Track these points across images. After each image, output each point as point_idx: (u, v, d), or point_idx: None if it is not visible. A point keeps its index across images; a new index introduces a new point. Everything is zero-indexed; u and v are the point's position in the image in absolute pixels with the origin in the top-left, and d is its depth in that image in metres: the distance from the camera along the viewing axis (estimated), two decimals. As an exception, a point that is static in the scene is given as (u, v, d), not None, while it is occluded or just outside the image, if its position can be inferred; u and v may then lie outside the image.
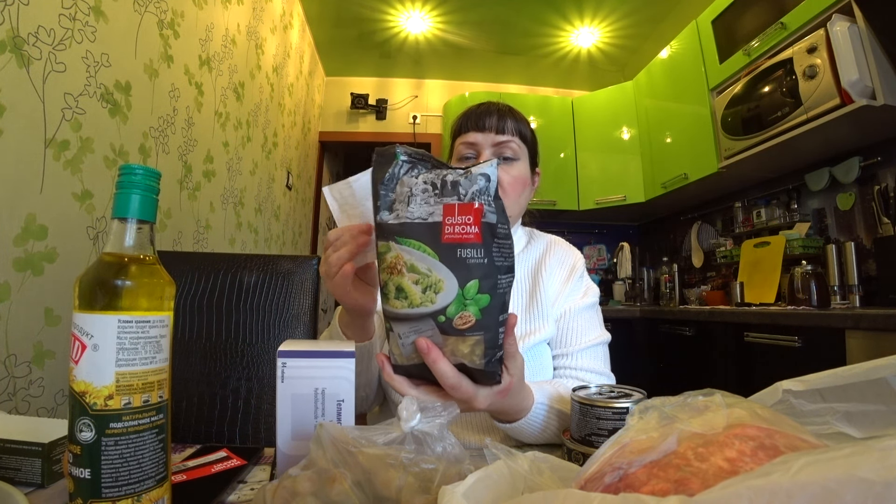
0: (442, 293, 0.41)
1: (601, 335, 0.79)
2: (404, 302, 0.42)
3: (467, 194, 0.41)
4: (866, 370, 0.29)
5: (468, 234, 0.41)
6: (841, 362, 1.37)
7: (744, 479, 0.17)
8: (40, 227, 1.03)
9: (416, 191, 0.42)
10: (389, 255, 0.43)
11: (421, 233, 0.41)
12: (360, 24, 3.23)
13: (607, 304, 3.24)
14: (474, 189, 0.41)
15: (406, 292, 0.42)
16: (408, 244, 0.42)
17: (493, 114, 0.79)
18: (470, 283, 0.41)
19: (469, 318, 0.41)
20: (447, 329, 0.42)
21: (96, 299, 0.34)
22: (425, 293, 0.41)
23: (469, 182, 0.41)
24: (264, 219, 2.59)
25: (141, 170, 0.36)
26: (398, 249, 0.42)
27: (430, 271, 0.41)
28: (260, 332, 0.97)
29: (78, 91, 1.13)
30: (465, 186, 0.41)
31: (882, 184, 1.78)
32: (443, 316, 0.42)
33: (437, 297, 0.41)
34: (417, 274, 0.41)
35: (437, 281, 0.41)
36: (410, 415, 0.37)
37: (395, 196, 0.43)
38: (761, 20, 1.97)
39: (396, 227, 0.42)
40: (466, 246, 0.41)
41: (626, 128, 3.14)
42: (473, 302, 0.41)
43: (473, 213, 0.41)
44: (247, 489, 0.46)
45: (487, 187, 0.42)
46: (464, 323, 0.41)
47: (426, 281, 0.41)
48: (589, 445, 0.49)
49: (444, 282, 0.41)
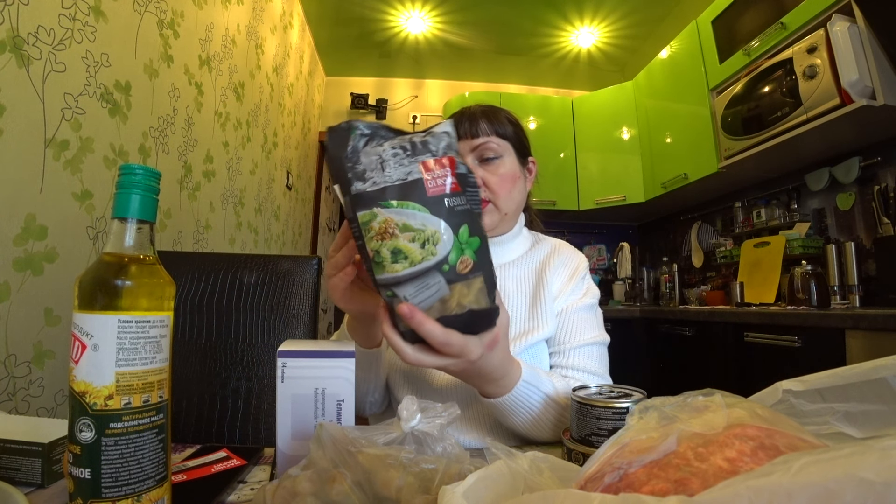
0: (440, 244, 0.42)
1: (598, 336, 0.78)
2: (405, 262, 0.42)
3: (438, 150, 0.44)
4: (866, 370, 0.29)
5: (448, 183, 0.43)
6: (841, 362, 1.37)
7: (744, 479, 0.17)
8: (40, 227, 1.03)
9: (387, 156, 0.43)
10: (376, 221, 0.42)
11: (405, 193, 0.42)
12: (360, 24, 3.23)
13: (607, 304, 3.24)
14: (443, 145, 0.44)
15: (405, 252, 0.42)
16: (396, 205, 0.42)
17: (464, 121, 0.79)
18: (461, 229, 0.43)
19: (468, 262, 0.43)
20: (452, 277, 0.43)
21: (96, 299, 0.34)
22: (424, 247, 0.42)
23: (436, 140, 0.44)
24: (264, 219, 2.59)
25: (141, 170, 0.36)
26: (385, 213, 0.42)
27: (425, 225, 0.42)
28: (260, 332, 0.97)
29: (78, 91, 1.13)
30: (433, 144, 0.44)
31: (882, 184, 1.78)
32: (446, 265, 0.43)
33: (436, 249, 0.42)
34: (412, 231, 0.42)
35: (433, 233, 0.42)
36: (410, 415, 0.37)
37: (364, 166, 0.43)
38: (761, 20, 1.97)
39: (377, 192, 0.42)
40: (451, 195, 0.43)
41: (626, 128, 3.14)
42: (468, 245, 0.43)
43: (449, 164, 0.43)
44: (247, 489, 0.46)
45: (451, 143, 0.45)
46: (465, 267, 0.43)
47: (422, 235, 0.42)
48: (589, 445, 0.49)
49: (440, 232, 0.42)
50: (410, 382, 0.76)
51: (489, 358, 0.51)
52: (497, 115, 0.81)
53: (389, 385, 0.80)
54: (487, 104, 0.84)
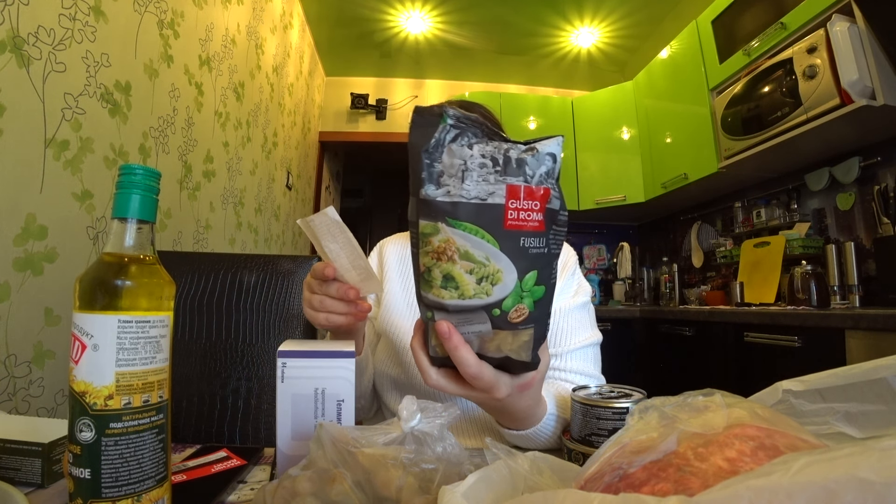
0: (499, 285, 0.37)
1: (592, 336, 0.77)
2: (454, 292, 0.38)
3: (534, 176, 0.37)
4: (866, 370, 0.29)
5: (532, 221, 0.37)
6: (841, 362, 1.37)
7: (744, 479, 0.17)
8: (40, 227, 1.03)
9: (472, 164, 0.36)
10: (437, 238, 0.37)
11: (478, 216, 0.36)
12: (360, 24, 3.23)
13: (607, 304, 3.24)
14: (542, 171, 0.37)
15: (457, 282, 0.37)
16: (463, 228, 0.36)
17: None
18: (529, 275, 0.38)
19: (524, 311, 0.38)
20: (500, 323, 0.39)
21: (96, 299, 0.34)
22: (480, 284, 0.37)
23: (536, 162, 0.37)
24: (264, 219, 2.59)
25: (141, 170, 0.36)
26: (450, 233, 0.37)
27: (489, 260, 0.37)
28: (260, 332, 0.97)
29: (78, 91, 1.13)
30: (531, 166, 0.37)
31: (882, 184, 1.78)
32: (498, 309, 0.38)
33: (493, 290, 0.37)
34: (472, 262, 0.37)
35: (495, 272, 0.37)
36: (410, 415, 0.37)
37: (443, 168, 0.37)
38: (761, 20, 1.97)
39: (448, 206, 0.36)
40: (530, 234, 0.37)
41: (626, 128, 3.14)
42: (530, 294, 0.38)
43: (540, 197, 0.37)
44: (247, 489, 0.46)
45: (553, 169, 0.37)
46: (518, 316, 0.38)
47: (482, 271, 0.37)
48: (589, 445, 0.49)
49: (503, 273, 0.37)
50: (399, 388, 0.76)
51: (517, 399, 0.48)
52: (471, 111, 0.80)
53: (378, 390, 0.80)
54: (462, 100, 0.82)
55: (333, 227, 0.49)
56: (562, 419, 0.60)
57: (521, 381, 0.45)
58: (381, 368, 0.79)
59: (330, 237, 0.50)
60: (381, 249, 0.91)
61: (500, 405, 0.48)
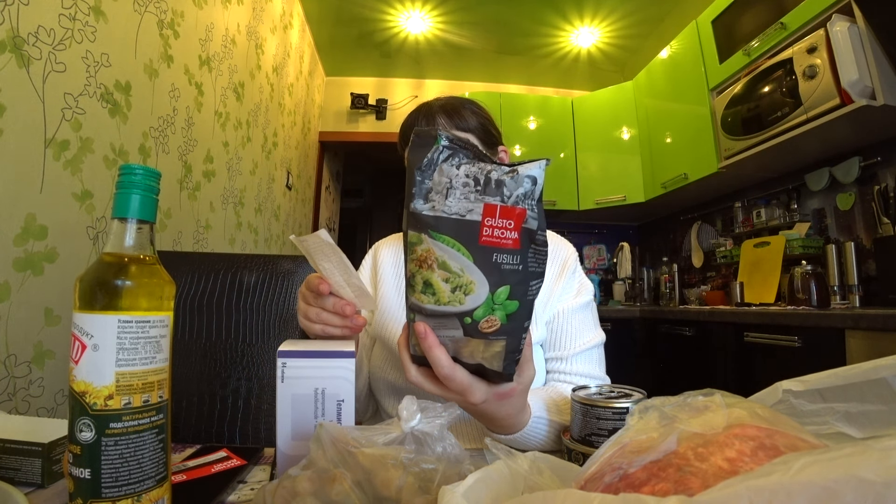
0: (471, 295, 0.40)
1: (595, 337, 0.76)
2: (431, 297, 0.41)
3: (511, 196, 0.39)
4: (866, 370, 0.29)
5: (507, 238, 0.39)
6: (841, 362, 1.37)
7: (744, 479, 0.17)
8: (40, 227, 1.03)
9: (456, 183, 0.40)
10: (420, 247, 0.41)
11: (457, 230, 0.40)
12: (360, 24, 3.23)
13: (607, 304, 3.24)
14: (519, 192, 0.39)
15: (434, 288, 0.41)
16: (442, 240, 0.40)
17: (421, 119, 0.75)
18: (501, 289, 0.40)
19: (495, 323, 0.41)
20: (471, 331, 0.41)
21: (96, 299, 0.34)
22: (454, 293, 0.40)
23: (514, 183, 0.39)
24: (264, 219, 2.59)
25: (141, 170, 0.36)
26: (430, 244, 0.40)
27: (462, 272, 0.40)
28: (260, 332, 0.97)
29: (78, 91, 1.13)
30: (509, 188, 0.39)
31: (882, 184, 1.78)
32: (469, 318, 0.41)
33: (465, 299, 0.40)
34: (448, 272, 0.40)
35: (468, 283, 0.40)
36: (410, 415, 0.37)
37: (433, 185, 0.41)
38: (761, 20, 1.97)
39: (431, 219, 0.40)
40: (503, 251, 0.39)
41: (626, 128, 3.14)
42: (501, 307, 0.40)
43: (515, 217, 0.39)
44: (247, 489, 0.46)
45: (532, 191, 0.40)
46: (489, 327, 0.41)
47: (457, 281, 0.40)
48: (589, 445, 0.49)
49: (476, 284, 0.40)
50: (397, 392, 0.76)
51: (497, 406, 0.49)
52: (457, 109, 0.76)
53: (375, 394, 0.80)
54: (451, 97, 0.80)
55: (326, 248, 0.49)
56: (554, 422, 0.59)
57: (498, 390, 0.46)
58: (377, 373, 0.78)
59: (323, 256, 0.50)
60: (375, 252, 0.90)
61: (476, 410, 0.49)
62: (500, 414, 0.51)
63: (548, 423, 0.58)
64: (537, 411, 0.58)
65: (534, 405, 0.57)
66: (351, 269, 0.51)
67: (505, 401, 0.48)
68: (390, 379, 0.76)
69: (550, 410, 0.60)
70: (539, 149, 3.24)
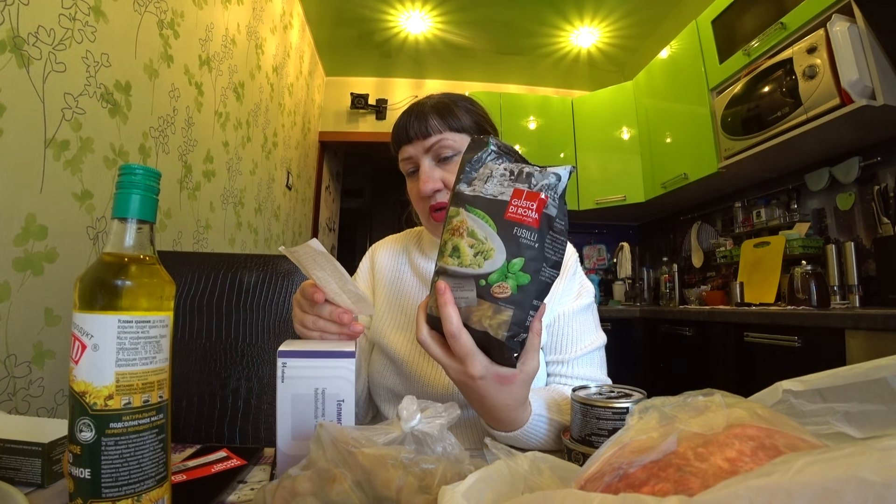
0: (490, 260, 0.46)
1: (597, 339, 0.75)
2: (455, 260, 0.48)
3: (537, 185, 0.46)
4: (866, 370, 0.29)
5: (528, 217, 0.46)
6: (841, 362, 1.37)
7: (744, 479, 0.17)
8: (40, 227, 1.03)
9: (496, 174, 0.49)
10: (457, 218, 0.49)
11: (489, 206, 0.47)
12: (360, 24, 3.23)
13: (607, 304, 3.24)
14: (544, 182, 0.46)
15: (459, 252, 0.47)
16: (475, 213, 0.48)
17: (413, 120, 0.73)
18: (516, 260, 0.45)
19: (506, 289, 0.45)
20: (484, 294, 0.46)
21: (96, 299, 0.34)
22: (475, 257, 0.46)
23: (542, 176, 0.47)
24: (264, 219, 2.59)
25: (141, 170, 0.36)
26: (465, 215, 0.48)
27: (486, 240, 0.46)
28: (260, 332, 0.97)
29: (78, 91, 1.13)
30: (537, 178, 0.47)
31: (882, 184, 1.78)
32: (484, 280, 0.46)
33: (484, 263, 0.46)
34: (474, 239, 0.47)
35: (489, 249, 0.46)
36: (410, 415, 0.37)
37: (477, 175, 0.50)
38: (761, 20, 1.97)
39: (470, 197, 0.49)
40: (523, 227, 0.46)
41: (626, 128, 3.14)
42: (514, 277, 0.45)
43: (538, 201, 0.46)
44: (247, 489, 0.46)
45: (556, 185, 0.47)
46: (500, 292, 0.45)
47: (480, 247, 0.46)
48: (589, 445, 0.49)
49: (495, 251, 0.46)
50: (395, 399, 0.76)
51: (497, 390, 0.50)
52: (450, 108, 0.74)
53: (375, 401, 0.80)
54: (444, 94, 0.78)
55: (318, 257, 0.49)
56: (554, 421, 0.59)
57: (500, 372, 0.48)
58: (377, 379, 0.77)
59: (316, 266, 0.50)
60: (372, 255, 0.89)
61: (476, 388, 0.49)
62: (499, 401, 0.51)
63: (548, 422, 0.58)
64: (538, 409, 0.57)
65: (534, 403, 0.57)
66: (346, 275, 0.51)
67: (505, 385, 0.49)
68: (389, 385, 0.75)
69: (551, 409, 0.59)
70: (539, 149, 3.24)
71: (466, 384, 0.49)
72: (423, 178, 0.72)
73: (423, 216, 0.78)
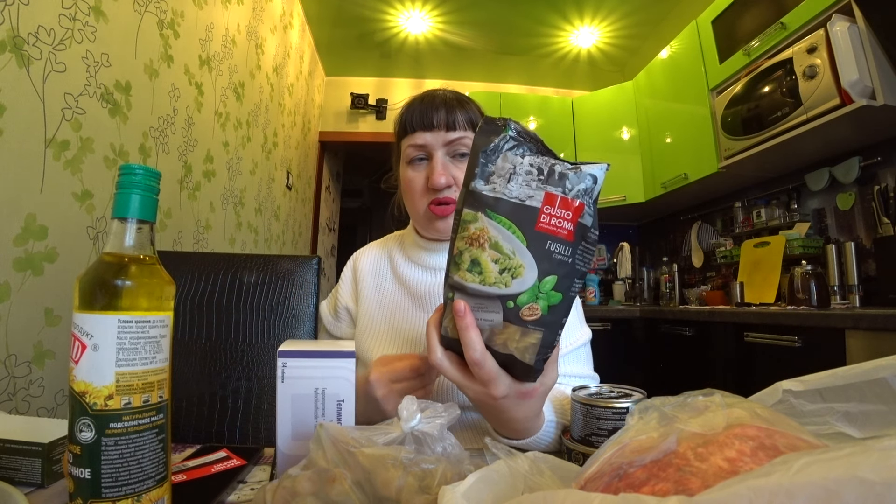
0: (519, 279, 0.40)
1: (583, 335, 0.75)
2: (477, 276, 0.41)
3: (572, 189, 0.40)
4: (866, 370, 0.29)
5: (562, 229, 0.40)
6: (841, 362, 1.37)
7: (744, 479, 0.17)
8: (40, 227, 1.03)
9: (520, 170, 0.41)
10: (475, 225, 0.41)
11: (515, 213, 0.40)
12: (360, 24, 3.23)
13: (607, 303, 3.24)
14: (580, 187, 0.40)
15: (481, 267, 0.41)
16: (498, 221, 0.41)
17: (439, 107, 0.69)
18: (549, 278, 0.40)
19: (536, 311, 0.40)
20: (511, 317, 0.41)
21: (96, 299, 0.34)
22: (502, 274, 0.41)
23: (577, 178, 0.40)
24: (264, 219, 2.59)
25: (141, 170, 0.36)
26: (486, 223, 0.41)
27: (514, 254, 0.40)
28: (260, 332, 0.97)
29: (78, 91, 1.13)
30: (571, 181, 0.40)
31: (882, 184, 1.78)
32: (512, 302, 0.41)
33: (512, 282, 0.40)
34: (499, 253, 0.40)
35: (517, 266, 0.40)
36: (410, 415, 0.37)
37: (495, 169, 0.41)
38: (761, 20, 1.97)
39: (491, 199, 0.41)
40: (557, 240, 0.40)
41: (626, 128, 3.14)
42: (545, 297, 0.40)
43: (574, 209, 0.40)
44: (247, 489, 0.46)
45: (592, 189, 0.41)
46: (530, 314, 0.41)
47: (506, 263, 0.40)
48: (589, 445, 0.49)
49: (525, 269, 0.40)
50: None
51: (516, 406, 0.47)
52: (469, 104, 0.72)
53: None
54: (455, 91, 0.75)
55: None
56: (560, 424, 0.59)
57: (521, 388, 0.45)
58: None
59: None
60: (354, 263, 0.86)
61: (496, 406, 0.47)
62: (517, 415, 0.49)
63: (556, 426, 0.58)
64: (550, 415, 0.56)
65: (546, 409, 0.56)
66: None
67: (525, 401, 0.47)
68: None
69: (557, 412, 0.59)
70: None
71: (486, 403, 0.47)
72: (437, 169, 0.68)
73: (418, 210, 0.73)
